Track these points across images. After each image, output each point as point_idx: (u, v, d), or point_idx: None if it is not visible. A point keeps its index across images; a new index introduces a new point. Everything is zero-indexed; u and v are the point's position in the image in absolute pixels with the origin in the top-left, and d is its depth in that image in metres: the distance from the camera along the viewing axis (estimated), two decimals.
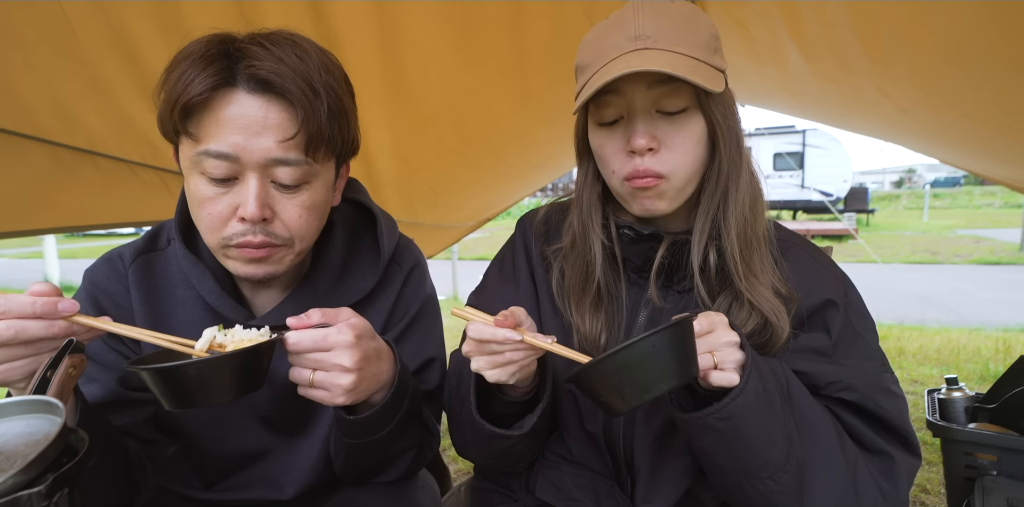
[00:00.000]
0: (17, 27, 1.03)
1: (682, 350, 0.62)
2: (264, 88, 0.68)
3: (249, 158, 0.69)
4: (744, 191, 0.80)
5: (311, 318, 0.68)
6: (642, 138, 0.75)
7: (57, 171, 1.28)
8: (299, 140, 0.71)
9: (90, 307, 0.85)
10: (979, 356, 3.93)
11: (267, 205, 0.72)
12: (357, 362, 0.67)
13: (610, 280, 0.87)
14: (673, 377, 0.61)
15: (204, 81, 0.67)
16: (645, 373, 0.61)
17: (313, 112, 0.70)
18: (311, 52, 0.72)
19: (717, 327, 0.69)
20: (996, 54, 1.47)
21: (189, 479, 0.93)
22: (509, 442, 0.80)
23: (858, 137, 5.37)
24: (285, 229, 0.74)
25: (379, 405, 0.74)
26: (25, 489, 0.46)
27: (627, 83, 0.75)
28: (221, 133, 0.68)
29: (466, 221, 3.62)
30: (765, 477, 0.70)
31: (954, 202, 27.17)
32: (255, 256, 0.74)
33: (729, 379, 0.66)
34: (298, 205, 0.74)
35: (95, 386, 0.82)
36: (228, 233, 0.72)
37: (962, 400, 1.48)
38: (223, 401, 0.62)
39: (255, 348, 0.63)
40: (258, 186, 0.70)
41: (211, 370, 0.60)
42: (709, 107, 0.77)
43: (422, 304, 0.95)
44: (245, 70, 0.68)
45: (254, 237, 0.72)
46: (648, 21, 0.75)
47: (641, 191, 0.79)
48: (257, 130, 0.68)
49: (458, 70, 1.83)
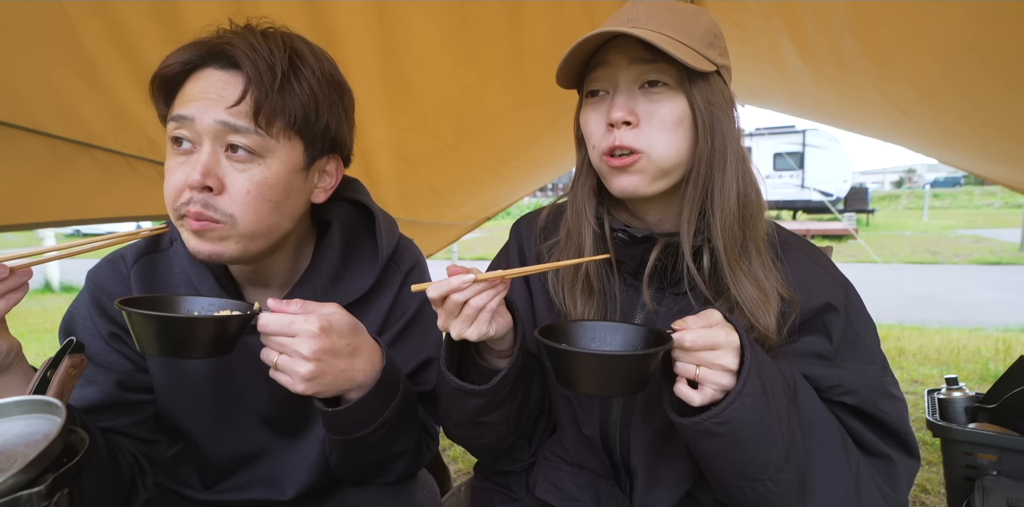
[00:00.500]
0: (15, 20, 1.03)
1: (641, 372, 0.65)
2: (228, 64, 0.73)
3: (202, 120, 0.71)
4: (731, 184, 0.78)
5: (289, 305, 0.70)
6: (620, 110, 0.76)
7: (54, 164, 1.28)
8: (246, 107, 0.72)
9: (92, 308, 0.85)
10: (979, 356, 3.93)
11: (213, 174, 0.72)
12: (316, 352, 0.67)
13: (603, 276, 0.87)
14: (621, 389, 0.66)
15: (179, 58, 0.74)
16: (599, 378, 0.65)
17: (261, 79, 0.72)
18: (288, 39, 0.77)
19: (720, 348, 0.67)
20: (996, 55, 1.47)
21: (189, 480, 0.93)
22: (476, 401, 0.79)
23: (858, 137, 5.35)
24: (230, 203, 0.73)
25: (353, 402, 0.74)
26: (25, 489, 0.46)
27: (612, 54, 0.77)
28: (185, 101, 0.73)
29: (465, 220, 3.62)
30: (764, 478, 0.70)
31: (954, 202, 27.19)
32: (195, 228, 0.73)
33: (688, 396, 0.67)
34: (248, 179, 0.73)
35: (93, 388, 0.82)
36: (178, 203, 0.73)
37: (962, 400, 1.48)
38: (192, 357, 0.70)
39: (227, 317, 0.67)
40: (208, 154, 0.72)
41: (187, 327, 0.65)
42: (691, 90, 0.77)
43: (420, 305, 0.95)
44: (216, 50, 0.73)
45: (194, 207, 0.72)
46: (643, 10, 0.77)
47: (618, 170, 0.79)
48: (213, 97, 0.72)
49: (457, 68, 1.83)
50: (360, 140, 0.86)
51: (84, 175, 1.37)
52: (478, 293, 0.69)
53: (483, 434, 0.86)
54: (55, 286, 8.25)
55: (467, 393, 0.78)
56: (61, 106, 1.21)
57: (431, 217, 3.06)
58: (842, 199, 16.14)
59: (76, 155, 1.32)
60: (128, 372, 0.85)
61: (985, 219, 17.59)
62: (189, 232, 0.75)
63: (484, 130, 2.37)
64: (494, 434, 0.86)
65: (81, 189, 1.44)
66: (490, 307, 0.70)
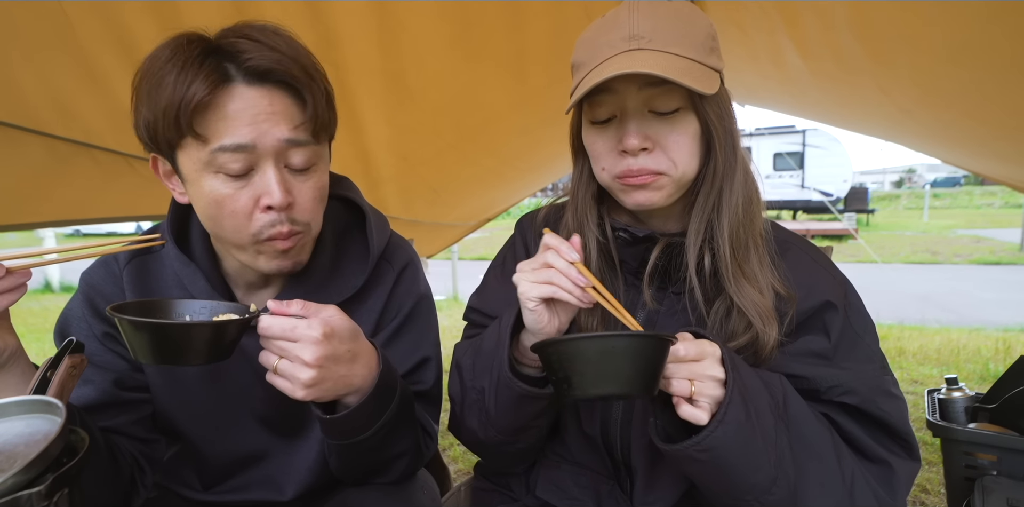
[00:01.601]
0: (15, 21, 1.03)
1: (644, 363, 0.63)
2: (262, 78, 0.70)
3: (265, 144, 0.70)
4: (738, 191, 0.79)
5: (290, 307, 0.69)
6: (635, 138, 0.75)
7: (54, 164, 1.29)
8: (308, 123, 0.73)
9: (86, 309, 0.85)
10: (979, 356, 3.93)
11: (289, 191, 0.73)
12: (318, 359, 0.66)
13: (607, 280, 0.87)
14: (624, 384, 0.63)
15: (204, 81, 0.67)
16: (599, 369, 0.62)
17: (313, 95, 0.73)
18: (293, 38, 0.75)
19: (706, 358, 0.68)
20: (997, 54, 1.47)
21: (189, 480, 0.93)
22: (538, 406, 0.80)
23: (858, 137, 5.34)
24: (304, 213, 0.76)
25: (351, 408, 0.73)
26: (25, 489, 0.46)
27: (620, 83, 0.75)
28: (232, 127, 0.69)
29: (466, 220, 3.62)
30: (751, 499, 0.70)
31: (954, 202, 27.16)
32: (285, 247, 0.75)
33: (697, 417, 0.66)
34: (312, 187, 0.76)
35: (90, 387, 0.82)
36: (256, 227, 0.73)
37: (962, 400, 1.48)
38: (190, 364, 0.65)
39: (227, 322, 0.65)
40: (277, 172, 0.72)
41: (182, 333, 0.63)
42: (703, 107, 0.76)
43: (415, 303, 0.94)
44: (245, 64, 0.69)
45: (283, 227, 0.74)
46: (643, 21, 0.74)
47: (636, 187, 0.78)
48: (266, 118, 0.70)
49: (457, 67, 1.83)
50: (360, 139, 0.86)
51: (84, 175, 1.37)
52: (566, 274, 0.72)
53: (525, 438, 0.87)
54: (55, 286, 8.26)
55: (533, 398, 0.78)
56: (61, 106, 1.21)
57: (431, 217, 3.06)
58: (842, 199, 16.12)
59: (76, 155, 1.32)
60: (124, 371, 0.85)
61: (985, 219, 17.58)
62: (274, 253, 0.76)
63: (484, 129, 2.37)
64: (534, 437, 0.87)
65: (81, 189, 1.44)
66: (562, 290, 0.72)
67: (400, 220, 2.66)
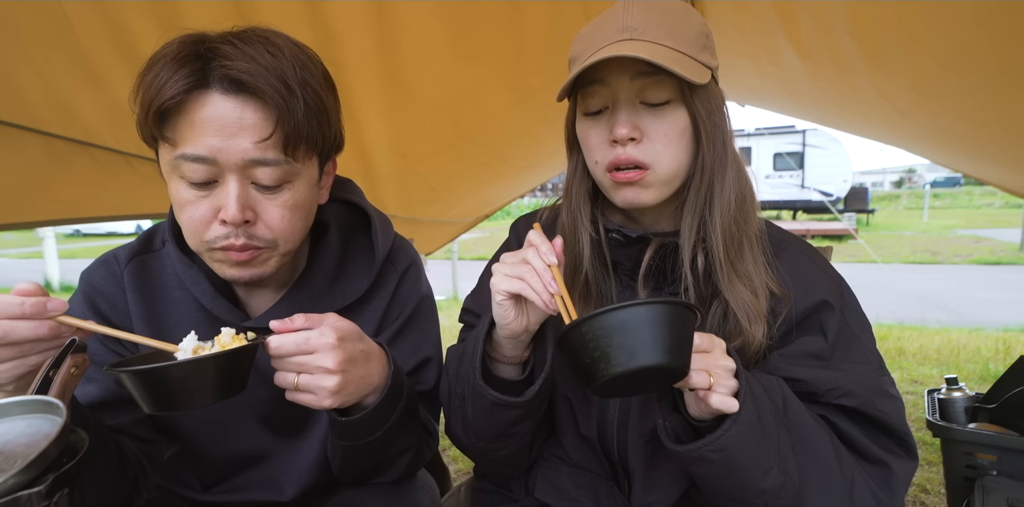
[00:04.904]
0: (15, 20, 1.03)
1: (678, 331, 0.60)
2: (238, 88, 0.67)
3: (227, 160, 0.68)
4: (730, 188, 0.79)
5: (294, 322, 0.67)
6: (624, 127, 0.75)
7: (53, 163, 1.28)
8: (276, 140, 0.69)
9: (86, 308, 0.84)
10: (979, 356, 3.93)
11: (248, 207, 0.71)
12: (340, 363, 0.66)
13: (600, 280, 0.87)
14: (666, 353, 0.58)
15: (177, 84, 0.65)
16: (638, 337, 0.58)
17: (288, 110, 0.69)
18: (284, 48, 0.71)
19: (715, 348, 0.68)
20: (992, 58, 1.48)
21: (189, 480, 0.93)
22: (511, 414, 0.79)
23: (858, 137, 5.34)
24: (268, 231, 0.73)
25: (371, 408, 0.73)
26: (25, 489, 0.46)
27: (611, 73, 0.76)
28: (197, 136, 0.67)
29: (464, 217, 3.63)
30: (760, 503, 0.70)
31: (954, 202, 27.17)
32: (239, 259, 0.73)
33: (728, 404, 0.65)
34: (280, 206, 0.73)
35: (93, 386, 0.82)
36: (211, 236, 0.72)
37: (962, 400, 1.48)
38: (204, 404, 0.61)
39: (234, 351, 0.62)
40: (238, 188, 0.69)
41: (190, 372, 0.60)
42: (693, 101, 0.76)
43: (417, 304, 0.94)
44: (217, 70, 0.66)
45: (236, 240, 0.71)
46: (637, 15, 0.76)
47: (624, 184, 0.78)
48: (233, 131, 0.67)
49: (456, 66, 1.83)
50: (359, 138, 0.86)
51: (83, 174, 1.37)
52: (540, 275, 0.69)
53: (507, 445, 0.86)
54: (55, 286, 8.25)
55: (505, 406, 0.77)
56: (60, 105, 1.21)
57: (429, 214, 3.07)
58: (842, 199, 16.13)
59: (75, 154, 1.32)
60: None
61: (985, 219, 17.58)
62: (229, 263, 0.74)
63: (483, 128, 2.37)
64: (517, 444, 0.86)
65: (80, 188, 1.44)
66: (537, 291, 0.69)
67: (399, 218, 2.67)
